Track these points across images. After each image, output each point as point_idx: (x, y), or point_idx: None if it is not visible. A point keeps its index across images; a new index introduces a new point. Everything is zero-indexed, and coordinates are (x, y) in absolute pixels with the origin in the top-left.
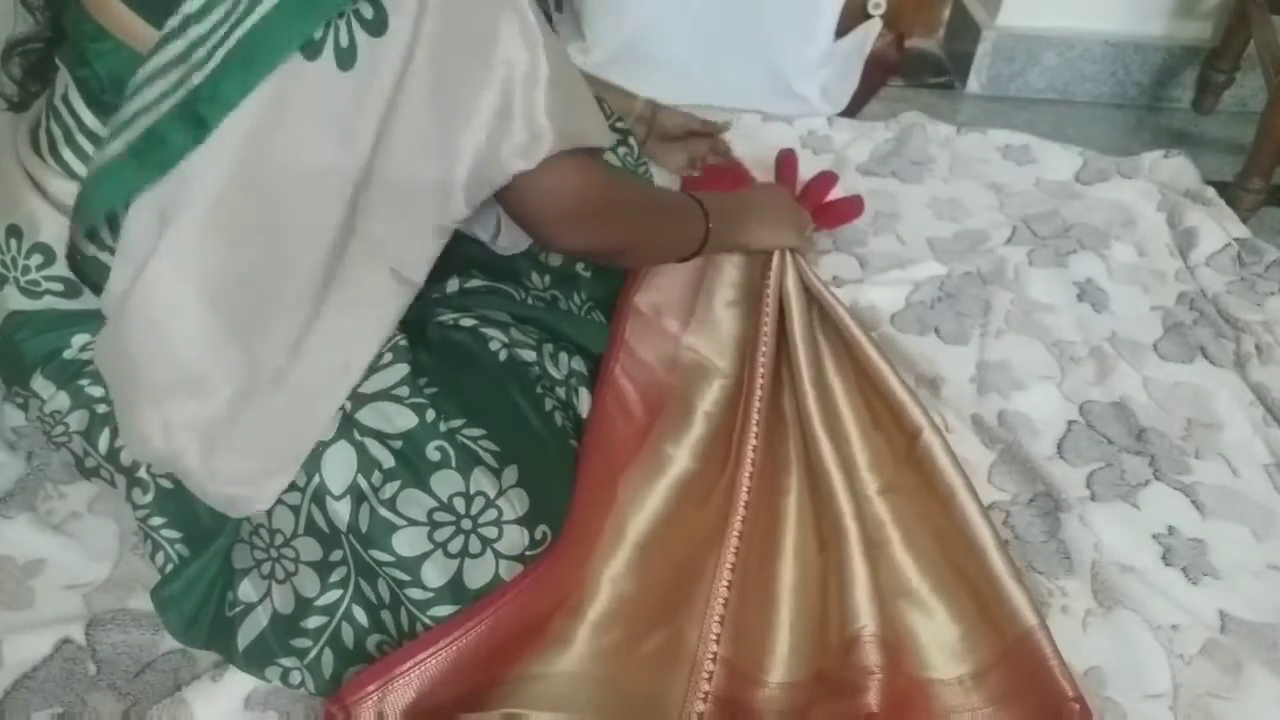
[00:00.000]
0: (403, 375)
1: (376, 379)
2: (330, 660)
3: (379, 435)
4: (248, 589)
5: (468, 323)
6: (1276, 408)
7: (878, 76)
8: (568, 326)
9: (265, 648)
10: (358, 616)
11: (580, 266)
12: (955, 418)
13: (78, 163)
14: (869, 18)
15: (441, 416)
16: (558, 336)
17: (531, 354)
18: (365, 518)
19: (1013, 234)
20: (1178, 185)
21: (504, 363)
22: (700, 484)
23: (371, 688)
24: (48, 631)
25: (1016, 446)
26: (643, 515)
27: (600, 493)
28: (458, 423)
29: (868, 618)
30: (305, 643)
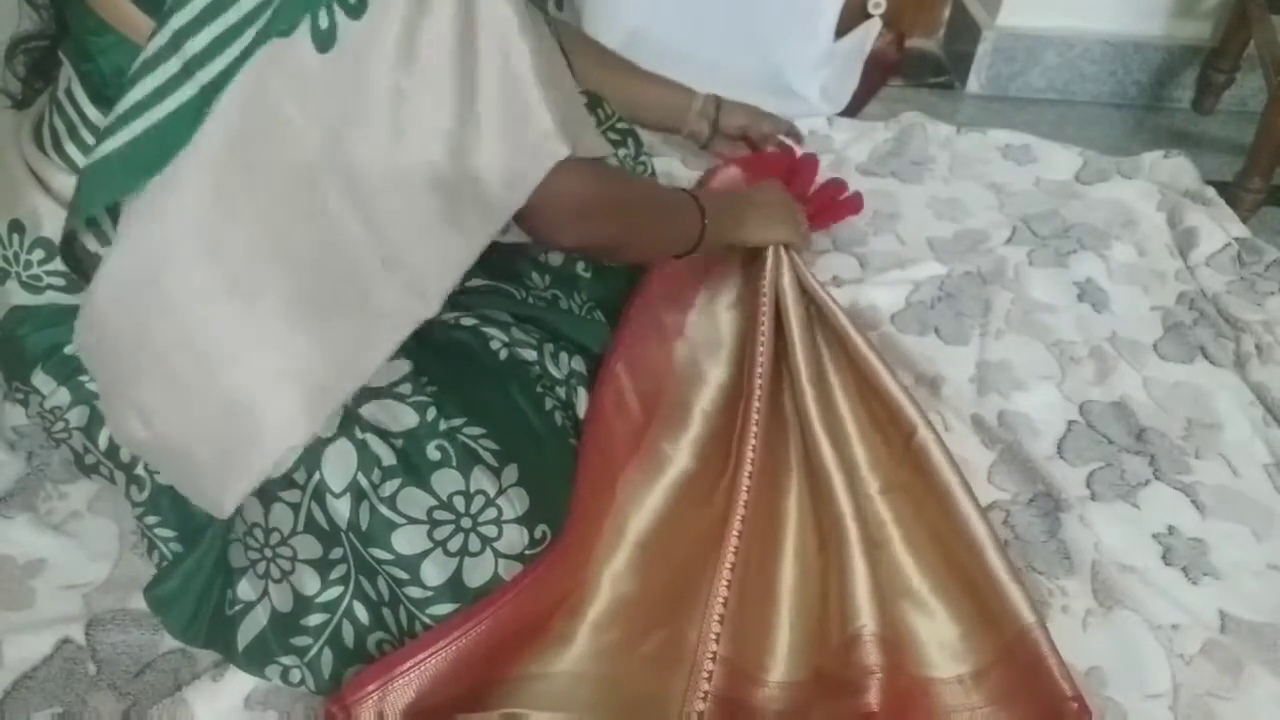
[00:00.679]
0: (405, 372)
1: (378, 374)
2: (330, 659)
3: (380, 432)
4: (246, 588)
5: (468, 322)
6: (1276, 408)
7: (878, 76)
8: (568, 326)
9: (265, 646)
10: (359, 613)
11: (580, 267)
12: (955, 418)
13: (81, 158)
14: (869, 18)
15: (442, 415)
16: (558, 336)
17: (532, 353)
18: (365, 515)
19: (1013, 234)
20: (1178, 185)
21: (504, 362)
22: (700, 484)
23: (372, 687)
24: (48, 631)
25: (1016, 446)
26: (643, 515)
27: (599, 492)
28: (458, 421)
29: (868, 617)
30: (305, 640)
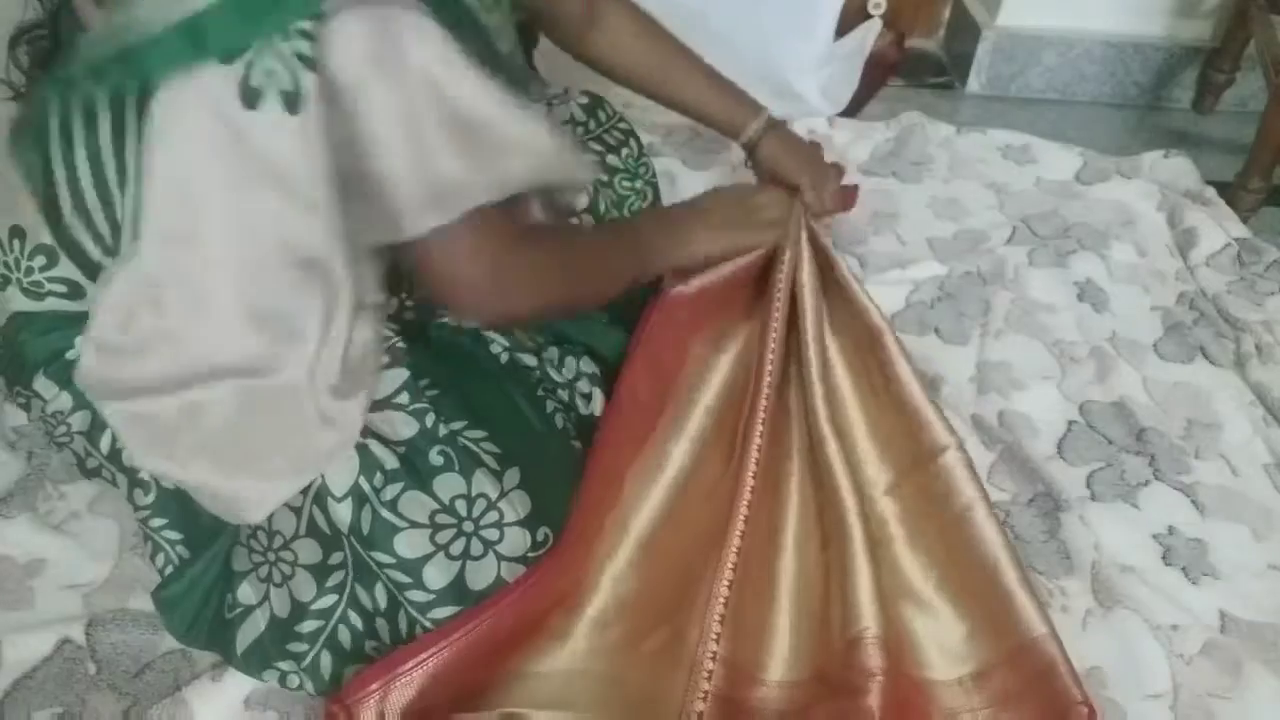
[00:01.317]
0: (403, 381)
1: (377, 385)
2: (329, 662)
3: (381, 437)
4: (247, 591)
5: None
6: (1276, 408)
7: (878, 76)
8: (573, 328)
9: (262, 651)
10: (353, 622)
11: None
12: (955, 418)
13: None
14: (869, 17)
15: (443, 419)
16: (563, 339)
17: (532, 359)
18: (367, 519)
19: (1013, 234)
20: (1178, 185)
21: (505, 365)
22: (703, 481)
23: (374, 687)
24: (48, 631)
25: (1016, 446)
26: (645, 512)
27: (605, 490)
28: (459, 424)
29: (870, 619)
30: (301, 647)
